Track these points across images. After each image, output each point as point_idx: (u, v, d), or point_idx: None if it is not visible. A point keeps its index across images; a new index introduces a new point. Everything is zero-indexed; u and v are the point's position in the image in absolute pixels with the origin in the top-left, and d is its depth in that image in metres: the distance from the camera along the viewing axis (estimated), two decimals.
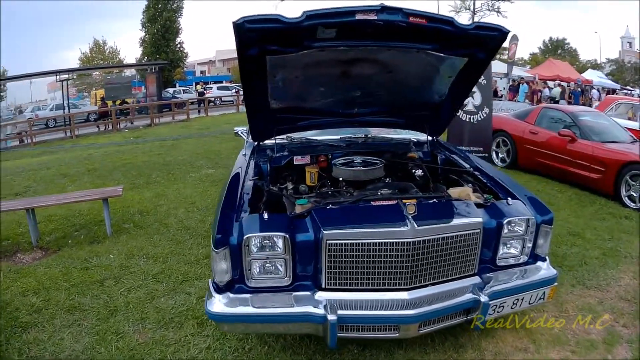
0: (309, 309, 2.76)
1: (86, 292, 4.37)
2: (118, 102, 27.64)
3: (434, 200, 3.21)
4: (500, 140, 9.16)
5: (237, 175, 3.79)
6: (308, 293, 2.86)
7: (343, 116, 4.22)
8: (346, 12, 2.83)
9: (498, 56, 24.89)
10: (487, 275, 3.09)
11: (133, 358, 3.30)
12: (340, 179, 3.85)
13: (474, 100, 7.93)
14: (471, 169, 3.91)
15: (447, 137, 7.95)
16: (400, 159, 4.31)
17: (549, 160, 8.11)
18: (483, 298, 2.87)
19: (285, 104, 3.94)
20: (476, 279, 3.04)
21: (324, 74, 3.59)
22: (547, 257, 3.32)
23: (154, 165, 11.07)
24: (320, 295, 2.83)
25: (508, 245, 3.16)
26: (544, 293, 3.14)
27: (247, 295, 2.86)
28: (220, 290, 2.88)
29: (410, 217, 2.78)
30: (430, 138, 4.57)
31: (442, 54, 3.35)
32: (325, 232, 2.76)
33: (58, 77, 26.71)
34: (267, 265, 2.85)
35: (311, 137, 4.64)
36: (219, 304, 2.82)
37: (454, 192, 3.54)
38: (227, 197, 3.31)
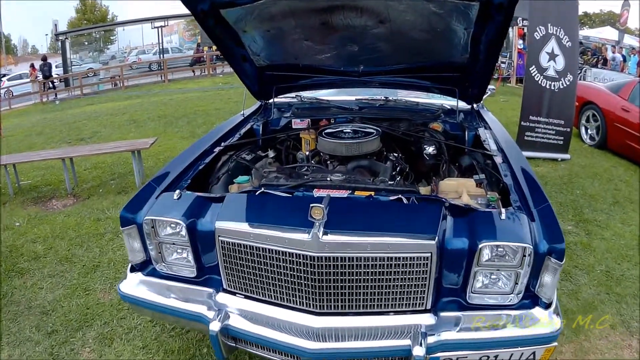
0: (202, 309, 2.48)
1: (85, 244, 4.77)
2: (214, 47, 28.64)
3: (392, 198, 2.47)
4: (590, 115, 8.27)
5: (207, 139, 3.56)
6: (211, 291, 2.56)
7: (348, 75, 3.90)
8: None
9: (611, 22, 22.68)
10: (449, 315, 2.31)
11: (84, 316, 3.58)
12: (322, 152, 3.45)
13: (555, 64, 7.20)
14: (495, 154, 3.15)
15: (521, 106, 7.45)
16: (419, 129, 3.77)
17: None
18: (418, 350, 2.15)
19: (273, 61, 3.80)
20: (427, 318, 2.30)
21: (300, 26, 3.30)
22: (553, 303, 2.35)
23: (225, 113, 11.43)
24: (221, 298, 2.52)
25: (491, 278, 2.33)
26: (533, 354, 2.28)
27: (155, 280, 2.66)
28: (134, 269, 2.73)
29: (318, 223, 2.17)
30: (467, 106, 4.03)
31: None
32: (217, 225, 2.41)
33: (153, 24, 28.11)
34: (177, 251, 2.62)
35: (322, 97, 4.40)
36: (127, 283, 2.69)
37: (448, 183, 2.95)
38: (169, 166, 3.09)
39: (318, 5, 3.00)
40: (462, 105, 3.96)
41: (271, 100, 4.19)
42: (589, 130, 8.42)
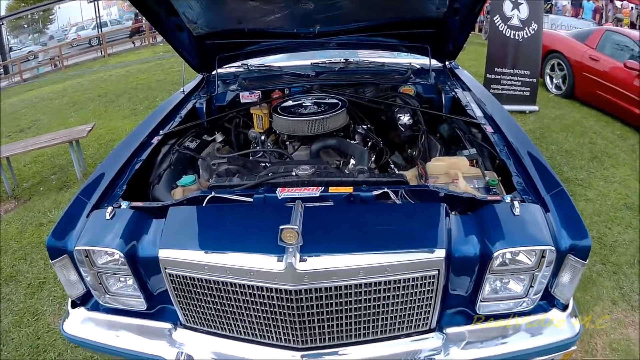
0: (161, 350, 2.06)
1: (28, 256, 4.31)
2: None
3: (376, 193, 2.02)
4: (555, 64, 8.15)
5: (143, 127, 2.93)
6: (169, 326, 2.12)
7: (302, 37, 3.39)
8: None
9: None
10: (456, 330, 1.98)
11: (36, 348, 3.18)
12: (278, 132, 3.01)
13: (519, 12, 6.93)
14: (483, 122, 2.69)
15: (486, 58, 7.22)
16: (389, 95, 3.34)
17: (611, 96, 6.93)
18: None
19: (214, 28, 3.30)
20: (431, 340, 1.96)
21: None
22: (570, 304, 2.04)
23: (167, 85, 11.02)
24: (180, 335, 2.09)
25: (502, 282, 2.00)
26: None
27: (101, 315, 2.19)
28: (75, 304, 2.24)
29: (293, 248, 1.72)
30: (439, 64, 3.59)
31: None
32: (161, 255, 1.91)
33: None
34: (120, 279, 2.14)
35: (272, 64, 3.86)
36: (70, 323, 2.21)
37: (437, 165, 2.48)
38: (100, 169, 2.49)
39: None
40: (434, 63, 3.54)
41: (214, 72, 3.66)
42: (554, 80, 8.29)
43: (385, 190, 2.01)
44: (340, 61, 3.80)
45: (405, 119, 3.03)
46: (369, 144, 2.91)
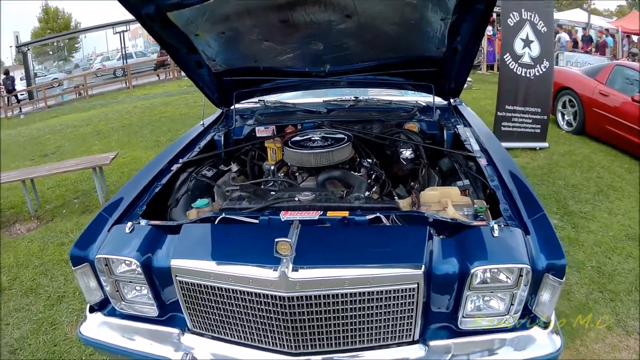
0: (169, 352, 2.28)
1: (49, 272, 4.56)
2: None
3: (369, 217, 2.26)
4: (567, 100, 8.29)
5: (164, 155, 3.28)
6: (177, 331, 2.34)
7: (314, 75, 3.65)
8: None
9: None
10: (439, 343, 2.13)
11: (52, 354, 3.39)
12: (289, 163, 3.25)
13: (530, 50, 7.10)
14: (478, 155, 2.93)
15: (497, 96, 7.37)
16: (394, 131, 3.57)
17: (620, 130, 7.04)
18: None
19: (231, 66, 3.56)
20: (415, 350, 2.12)
21: (258, 26, 3.05)
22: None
23: (190, 119, 11.23)
24: (187, 339, 2.31)
25: (484, 300, 2.15)
26: None
27: (116, 320, 2.44)
28: (93, 309, 2.50)
29: (286, 259, 1.95)
30: (444, 102, 3.81)
31: None
32: (173, 264, 2.17)
33: (114, 29, 27.63)
34: (135, 288, 2.39)
35: (287, 101, 4.18)
36: (87, 326, 2.46)
37: (430, 194, 2.69)
38: (122, 191, 2.82)
39: (277, 2, 2.76)
40: (439, 101, 3.76)
41: (232, 107, 3.96)
42: (565, 117, 8.43)
43: (378, 214, 2.24)
44: (350, 99, 4.06)
45: (407, 153, 3.25)
46: (373, 176, 3.12)
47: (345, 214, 2.24)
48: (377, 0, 2.72)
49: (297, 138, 3.23)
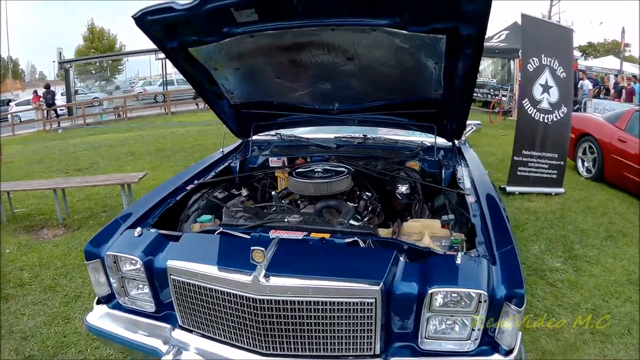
0: (158, 344, 2.60)
1: (69, 274, 4.89)
2: None
3: (348, 240, 2.54)
4: (587, 147, 8.40)
5: (182, 175, 3.70)
6: (169, 327, 2.64)
7: (324, 113, 3.98)
8: None
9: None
10: None
11: (61, 343, 3.71)
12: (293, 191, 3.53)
13: (549, 96, 7.23)
14: (468, 193, 3.17)
15: (514, 140, 7.48)
16: (394, 168, 3.83)
17: (637, 177, 7.03)
18: None
19: (248, 99, 3.90)
20: None
21: (270, 64, 3.37)
22: (515, 349, 2.29)
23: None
24: (177, 334, 2.60)
25: (446, 323, 2.31)
26: None
27: (118, 313, 2.77)
28: (100, 301, 2.86)
29: (260, 266, 2.23)
30: (449, 143, 4.03)
31: (405, 32, 2.73)
32: (168, 264, 2.49)
33: (157, 55, 28.48)
34: (138, 286, 2.72)
35: (301, 135, 4.51)
36: (92, 315, 2.82)
37: (412, 225, 2.96)
38: (139, 203, 3.25)
39: (284, 43, 3.04)
40: (443, 142, 3.99)
41: (250, 138, 4.32)
42: (585, 163, 8.47)
43: (356, 239, 2.52)
44: (359, 136, 4.35)
45: (402, 188, 3.52)
46: (369, 208, 3.38)
47: (327, 236, 2.54)
48: (374, 45, 2.95)
49: (301, 169, 3.52)
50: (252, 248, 2.20)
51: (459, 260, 2.28)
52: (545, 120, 7.30)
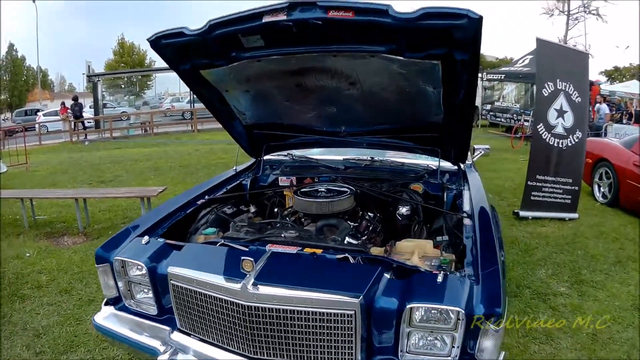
0: (156, 344, 2.78)
1: (85, 279, 5.14)
2: None
3: (339, 257, 2.67)
4: (603, 172, 8.29)
5: (194, 190, 3.93)
6: (169, 329, 2.83)
7: (331, 135, 4.12)
8: (251, 16, 2.72)
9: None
10: None
11: (71, 342, 3.93)
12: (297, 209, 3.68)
13: (564, 121, 7.23)
14: (464, 215, 3.27)
15: (528, 165, 7.47)
16: (397, 190, 3.92)
17: None
18: None
19: (259, 121, 4.08)
20: None
21: (277, 87, 3.53)
22: None
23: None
24: (175, 336, 2.79)
25: (427, 339, 2.40)
26: None
27: (124, 314, 2.99)
28: (108, 303, 3.09)
29: (249, 275, 2.42)
30: (454, 167, 4.15)
31: (402, 58, 2.85)
32: (169, 270, 2.70)
33: None
34: (143, 290, 2.93)
35: (312, 156, 4.66)
36: (100, 315, 3.05)
37: (405, 245, 3.10)
38: (150, 213, 3.53)
39: (289, 68, 3.20)
40: (449, 165, 4.11)
41: (262, 158, 4.53)
42: (601, 188, 8.39)
43: (346, 255, 2.67)
44: (366, 159, 4.49)
45: (403, 210, 3.64)
46: (370, 228, 3.52)
47: (319, 251, 2.69)
48: (374, 70, 3.08)
49: (306, 189, 3.68)
50: (242, 258, 2.41)
51: (440, 279, 2.39)
52: (560, 145, 7.29)
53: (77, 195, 7.14)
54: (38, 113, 32.65)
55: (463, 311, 2.23)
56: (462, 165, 4.19)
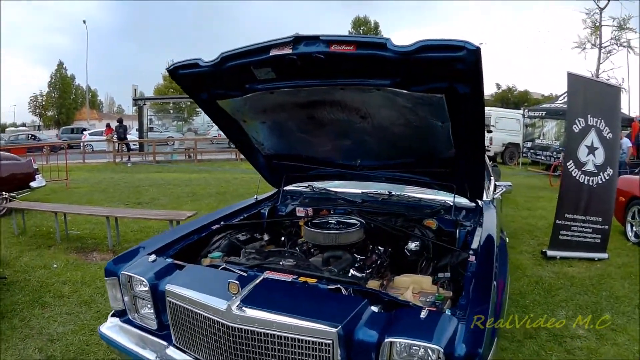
0: (151, 356, 2.92)
1: (106, 293, 5.21)
2: None
3: (331, 287, 2.75)
4: (636, 211, 8.05)
5: (212, 215, 4.16)
6: (165, 344, 2.97)
7: (347, 168, 4.17)
8: (260, 50, 2.85)
9: None
10: None
11: (82, 350, 4.16)
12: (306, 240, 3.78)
13: (595, 158, 7.08)
14: (470, 253, 3.25)
15: (557, 203, 7.31)
16: (409, 225, 3.95)
17: None
18: None
19: (277, 151, 4.21)
20: None
21: (290, 119, 3.65)
22: None
23: None
24: (170, 351, 2.92)
25: None
26: None
27: (127, 327, 3.17)
28: (115, 314, 3.29)
29: (234, 297, 2.54)
30: (472, 204, 4.17)
31: (407, 92, 2.90)
32: (167, 287, 2.86)
33: None
34: (147, 305, 3.09)
35: (331, 189, 4.76)
36: (106, 326, 3.26)
37: (402, 280, 3.19)
38: (165, 234, 3.76)
39: (300, 100, 3.31)
40: (465, 202, 4.12)
41: (283, 188, 4.70)
42: (634, 227, 8.13)
43: (338, 286, 2.74)
44: (384, 193, 4.56)
45: (412, 245, 3.64)
46: (378, 261, 3.55)
47: (313, 281, 2.81)
48: (382, 104, 3.14)
49: (317, 220, 3.77)
50: (228, 281, 2.54)
51: (423, 314, 2.40)
52: (590, 183, 7.12)
53: (109, 213, 7.47)
54: (84, 132, 34.03)
55: (442, 350, 2.21)
56: (479, 202, 4.18)
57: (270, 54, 2.81)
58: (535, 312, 5.13)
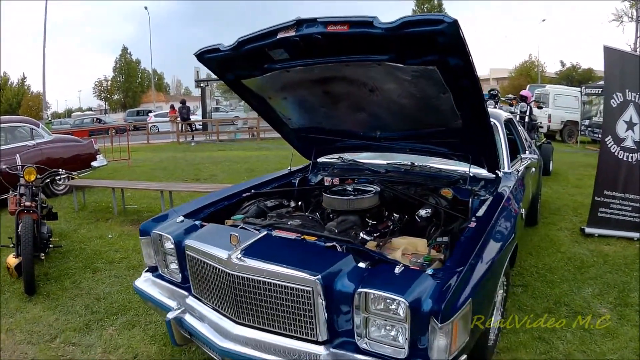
0: (172, 304, 3.34)
1: None
2: None
3: (328, 245, 3.02)
4: None
5: (245, 184, 4.60)
6: (186, 293, 3.36)
7: (369, 139, 4.41)
8: (268, 33, 3.18)
9: None
10: (342, 352, 2.63)
11: (124, 306, 4.71)
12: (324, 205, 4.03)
13: (634, 134, 6.81)
14: (472, 221, 3.41)
15: (595, 180, 7.17)
16: (424, 193, 4.12)
17: None
18: None
19: (303, 125, 4.53)
20: (319, 350, 2.67)
21: (309, 95, 3.91)
22: None
23: None
24: (189, 300, 3.30)
25: (385, 328, 2.57)
26: None
27: (158, 280, 3.60)
28: (148, 270, 3.74)
29: (237, 247, 2.85)
30: (490, 174, 4.29)
31: (403, 65, 3.08)
32: (186, 242, 3.25)
33: None
34: (175, 261, 3.46)
35: (359, 160, 5.02)
36: (139, 280, 3.71)
37: (399, 241, 3.44)
38: (197, 200, 4.12)
39: (314, 77, 3.57)
40: (485, 173, 4.27)
41: (313, 160, 5.09)
42: None
43: (334, 244, 3.01)
44: (407, 164, 4.77)
45: (422, 212, 3.81)
46: (391, 226, 3.85)
47: (313, 239, 3.11)
48: (385, 78, 3.33)
49: (336, 188, 4.07)
50: (230, 233, 2.89)
51: (397, 270, 2.63)
52: (629, 160, 6.91)
53: (164, 187, 8.11)
54: (150, 114, 35.53)
55: (406, 302, 2.38)
56: (499, 173, 4.33)
57: (278, 37, 3.13)
58: (561, 288, 5.17)
